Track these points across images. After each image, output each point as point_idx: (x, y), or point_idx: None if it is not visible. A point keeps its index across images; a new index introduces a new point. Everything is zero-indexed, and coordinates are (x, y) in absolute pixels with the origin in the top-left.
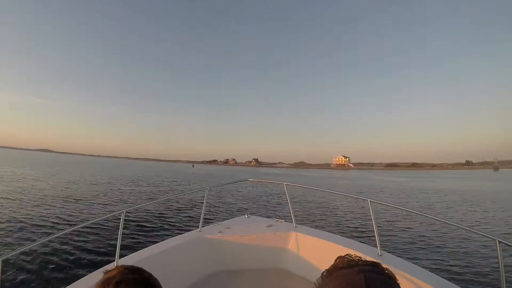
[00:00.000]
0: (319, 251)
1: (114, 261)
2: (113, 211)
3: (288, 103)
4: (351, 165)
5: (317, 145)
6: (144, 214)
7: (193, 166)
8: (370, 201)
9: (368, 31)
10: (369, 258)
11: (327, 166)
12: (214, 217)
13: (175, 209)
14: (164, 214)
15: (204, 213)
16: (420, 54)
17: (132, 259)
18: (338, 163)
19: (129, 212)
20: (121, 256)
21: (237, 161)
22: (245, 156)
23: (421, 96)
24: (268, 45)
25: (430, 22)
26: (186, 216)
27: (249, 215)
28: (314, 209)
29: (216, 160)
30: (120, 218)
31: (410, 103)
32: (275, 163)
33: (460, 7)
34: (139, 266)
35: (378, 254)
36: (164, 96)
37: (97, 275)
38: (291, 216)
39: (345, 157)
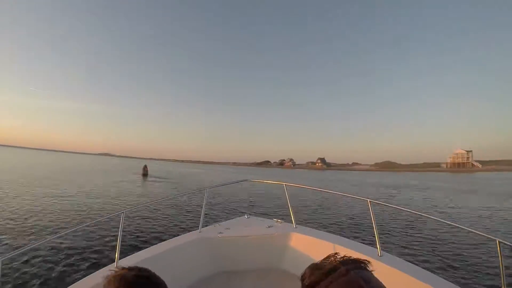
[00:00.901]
0: (319, 252)
1: (114, 262)
2: (113, 212)
3: (364, 94)
4: (477, 163)
5: (410, 141)
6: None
7: (144, 173)
8: (369, 201)
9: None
10: (369, 259)
11: (435, 166)
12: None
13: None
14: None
15: (204, 214)
16: None
17: (132, 260)
18: (455, 161)
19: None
20: (121, 257)
21: (296, 162)
22: (306, 156)
23: None
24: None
25: None
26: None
27: (249, 216)
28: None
29: (269, 162)
30: (120, 219)
31: None
32: (349, 164)
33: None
34: (139, 266)
35: (379, 255)
36: (216, 97)
37: (97, 276)
38: (291, 216)
39: (467, 152)
